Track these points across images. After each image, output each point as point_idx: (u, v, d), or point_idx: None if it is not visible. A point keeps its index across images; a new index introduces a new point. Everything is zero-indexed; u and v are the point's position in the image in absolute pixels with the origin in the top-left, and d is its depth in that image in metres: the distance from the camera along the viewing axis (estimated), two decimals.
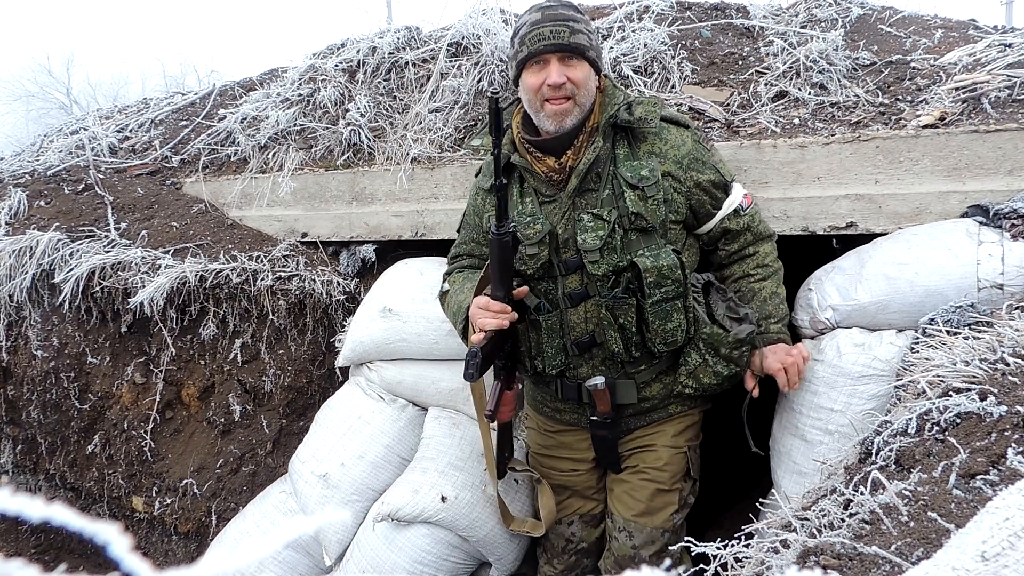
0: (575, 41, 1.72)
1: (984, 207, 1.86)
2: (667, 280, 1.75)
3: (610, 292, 1.78)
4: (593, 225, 1.76)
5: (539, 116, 1.79)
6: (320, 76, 3.44)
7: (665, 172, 1.80)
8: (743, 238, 1.93)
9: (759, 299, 1.91)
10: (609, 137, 1.80)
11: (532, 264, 1.82)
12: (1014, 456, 0.98)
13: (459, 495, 2.15)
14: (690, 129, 1.86)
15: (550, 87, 1.72)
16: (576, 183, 1.78)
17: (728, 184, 1.90)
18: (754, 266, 1.93)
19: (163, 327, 2.99)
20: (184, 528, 3.04)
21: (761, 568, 1.13)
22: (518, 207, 1.85)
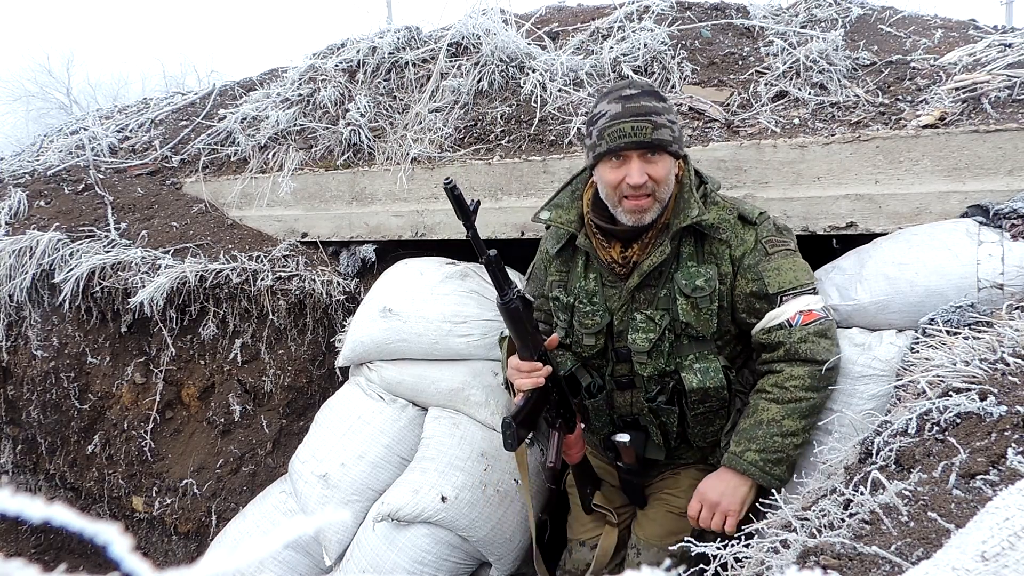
0: (658, 137, 1.62)
1: (984, 207, 1.86)
2: (712, 399, 1.74)
3: (655, 397, 1.80)
4: (645, 326, 1.75)
5: (616, 210, 1.72)
6: (320, 76, 3.44)
7: (723, 274, 1.73)
8: (775, 352, 1.72)
9: (756, 419, 1.68)
10: (677, 237, 1.74)
11: (588, 350, 1.85)
12: (1014, 456, 0.98)
13: (459, 495, 2.15)
14: (757, 227, 1.75)
15: (631, 187, 1.64)
16: (638, 281, 1.75)
17: (774, 296, 1.71)
18: (772, 383, 1.70)
19: (163, 327, 2.99)
20: (184, 528, 3.04)
21: (761, 568, 1.13)
22: (580, 281, 1.86)
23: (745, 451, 1.65)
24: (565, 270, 1.91)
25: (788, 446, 1.65)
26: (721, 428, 1.80)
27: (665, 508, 1.96)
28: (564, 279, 1.91)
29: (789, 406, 1.66)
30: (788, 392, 1.67)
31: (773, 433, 1.65)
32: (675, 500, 1.95)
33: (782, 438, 1.65)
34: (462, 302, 2.38)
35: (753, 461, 1.64)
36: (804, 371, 1.68)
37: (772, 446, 1.64)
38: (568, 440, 1.91)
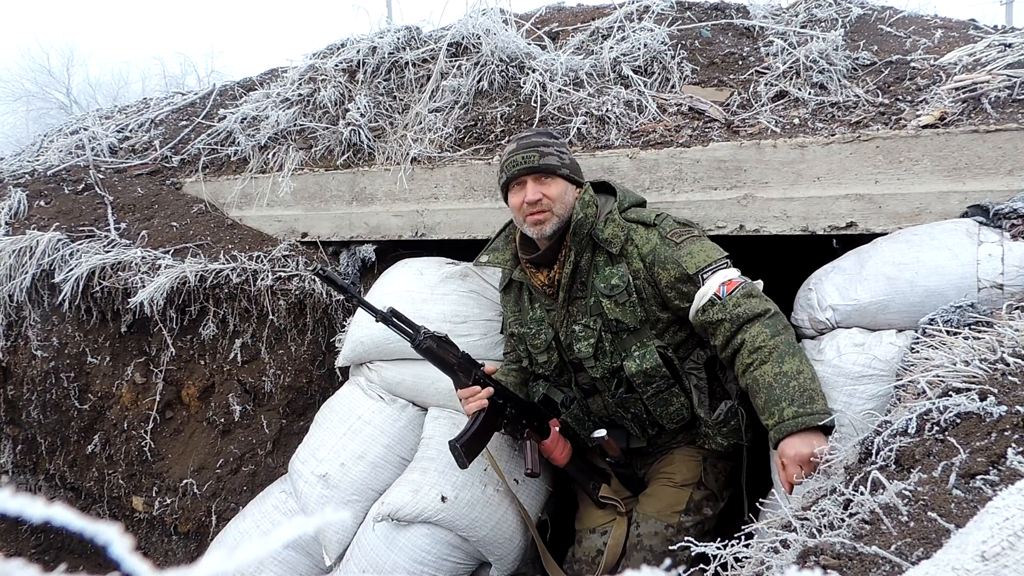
0: (545, 163, 1.93)
1: (984, 207, 1.86)
2: (654, 378, 1.93)
3: (615, 392, 1.99)
4: (584, 334, 1.97)
5: (523, 227, 1.99)
6: (320, 76, 3.44)
7: (635, 271, 1.93)
8: (722, 329, 1.82)
9: (764, 386, 1.73)
10: (587, 248, 1.97)
11: (547, 367, 2.09)
12: (1014, 456, 0.98)
13: (459, 495, 2.15)
14: (657, 227, 1.95)
15: (528, 204, 1.94)
16: (563, 296, 2.00)
17: (695, 276, 1.86)
18: (748, 354, 1.78)
19: (163, 327, 2.99)
20: (184, 528, 3.04)
21: (761, 568, 1.13)
22: (529, 312, 2.11)
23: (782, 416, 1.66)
24: (517, 309, 2.15)
25: (805, 382, 1.69)
26: (682, 407, 1.98)
27: (662, 483, 2.10)
28: (518, 315, 2.15)
29: (774, 355, 1.72)
30: (764, 349, 1.74)
31: (784, 384, 1.69)
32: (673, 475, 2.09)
33: (795, 380, 1.69)
34: (462, 302, 2.38)
35: (794, 415, 1.65)
36: (757, 327, 1.77)
37: (794, 392, 1.67)
38: (546, 446, 2.11)
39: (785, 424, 1.65)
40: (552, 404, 2.13)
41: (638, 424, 2.04)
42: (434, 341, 1.92)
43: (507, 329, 2.25)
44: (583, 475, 2.19)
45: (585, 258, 1.97)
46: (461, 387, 1.98)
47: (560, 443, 2.13)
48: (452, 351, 1.97)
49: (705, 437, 2.02)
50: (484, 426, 1.98)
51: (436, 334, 1.94)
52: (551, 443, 2.11)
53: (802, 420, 1.63)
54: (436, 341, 1.93)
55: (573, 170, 2.00)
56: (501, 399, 2.02)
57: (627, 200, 2.04)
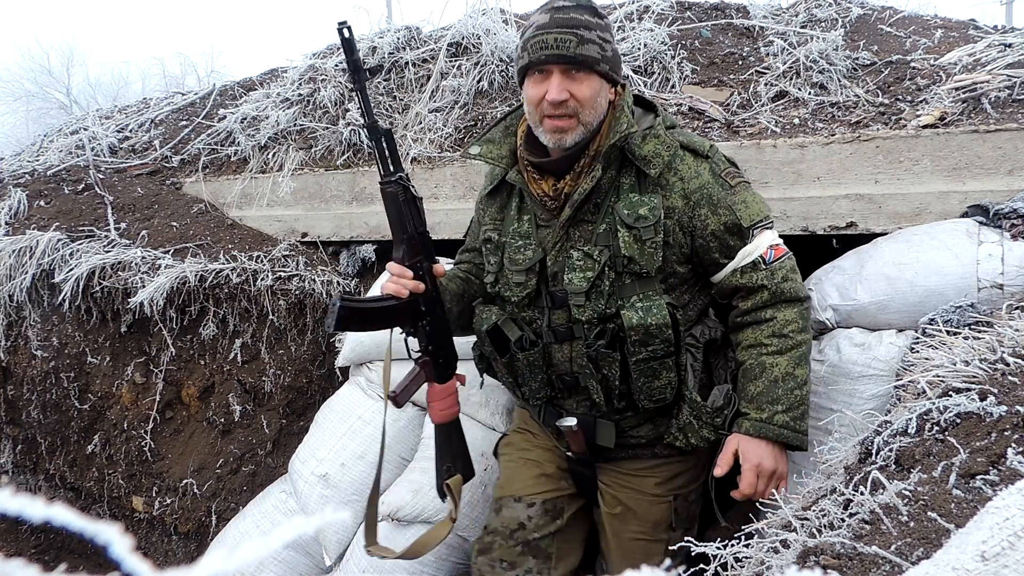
0: (582, 53, 1.48)
1: (984, 207, 1.86)
2: (655, 339, 1.56)
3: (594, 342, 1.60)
4: (582, 264, 1.59)
5: (538, 130, 1.60)
6: (320, 76, 3.44)
7: (670, 207, 1.58)
8: (758, 297, 1.60)
9: (768, 378, 1.56)
10: (615, 164, 1.60)
11: (517, 292, 1.68)
12: (1014, 456, 0.98)
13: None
14: (710, 160, 1.61)
15: (550, 103, 1.52)
16: (570, 213, 1.60)
17: (747, 230, 1.59)
18: (769, 334, 1.58)
19: (163, 327, 2.99)
20: (184, 528, 3.04)
21: (761, 568, 1.13)
22: (514, 224, 1.71)
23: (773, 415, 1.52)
24: (500, 216, 1.76)
25: (806, 397, 1.56)
26: (669, 385, 1.61)
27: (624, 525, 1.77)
28: (499, 225, 1.75)
29: (794, 353, 1.56)
30: (788, 339, 1.56)
31: (791, 388, 1.54)
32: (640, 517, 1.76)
33: (800, 390, 1.55)
34: None
35: (785, 423, 1.52)
36: (794, 312, 1.59)
37: (795, 401, 1.53)
38: (434, 389, 1.74)
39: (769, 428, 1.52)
40: (502, 340, 1.71)
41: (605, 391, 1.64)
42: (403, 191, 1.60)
43: (478, 233, 1.84)
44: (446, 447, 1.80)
45: (608, 176, 1.59)
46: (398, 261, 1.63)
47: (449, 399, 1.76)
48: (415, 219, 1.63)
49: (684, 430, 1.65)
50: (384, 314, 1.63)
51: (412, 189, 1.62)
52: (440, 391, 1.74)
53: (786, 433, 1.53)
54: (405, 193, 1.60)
55: (614, 65, 1.55)
56: (425, 307, 1.66)
57: (667, 119, 1.67)
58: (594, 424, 1.71)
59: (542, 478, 1.85)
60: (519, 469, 1.88)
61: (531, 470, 1.87)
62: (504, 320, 1.71)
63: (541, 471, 1.86)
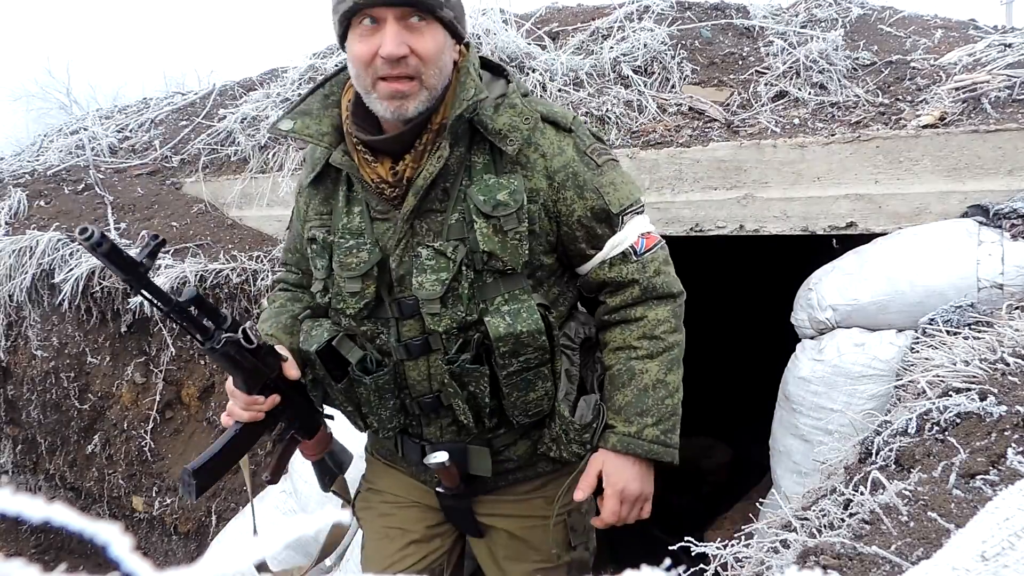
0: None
1: (984, 207, 1.86)
2: (527, 348, 1.33)
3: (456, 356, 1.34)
4: (433, 264, 1.31)
5: (370, 98, 1.26)
6: (320, 76, 3.44)
7: (533, 190, 1.32)
8: (628, 292, 1.38)
9: (638, 385, 1.36)
10: (464, 140, 1.32)
11: (353, 304, 1.37)
12: (1014, 456, 0.98)
13: None
14: (573, 134, 1.36)
15: (385, 60, 1.19)
16: (414, 203, 1.30)
17: (616, 216, 1.36)
18: (639, 336, 1.37)
19: (163, 327, 2.99)
20: (184, 528, 3.04)
21: (761, 568, 1.13)
22: (343, 219, 1.37)
23: (643, 429, 1.34)
24: (326, 210, 1.43)
25: (677, 406, 1.38)
26: (546, 395, 1.39)
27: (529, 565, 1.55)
28: (326, 221, 1.42)
29: (665, 357, 1.37)
30: (660, 341, 1.37)
31: (663, 397, 1.36)
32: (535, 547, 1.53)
33: (671, 399, 1.37)
34: None
35: (655, 438, 1.34)
36: (667, 311, 1.39)
37: (666, 412, 1.36)
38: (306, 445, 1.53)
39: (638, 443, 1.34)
40: (338, 361, 1.41)
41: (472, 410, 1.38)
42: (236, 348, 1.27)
43: (301, 229, 1.48)
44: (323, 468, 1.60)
45: (457, 154, 1.31)
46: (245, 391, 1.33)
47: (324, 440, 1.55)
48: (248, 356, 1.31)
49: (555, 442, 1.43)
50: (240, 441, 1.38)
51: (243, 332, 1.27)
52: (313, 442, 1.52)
53: (656, 449, 1.34)
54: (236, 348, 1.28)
55: (459, 14, 1.27)
56: (283, 404, 1.39)
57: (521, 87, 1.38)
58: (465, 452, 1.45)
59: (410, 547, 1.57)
60: (382, 541, 1.60)
61: (395, 542, 1.58)
62: (339, 338, 1.40)
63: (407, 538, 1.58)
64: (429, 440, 1.45)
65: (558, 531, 1.50)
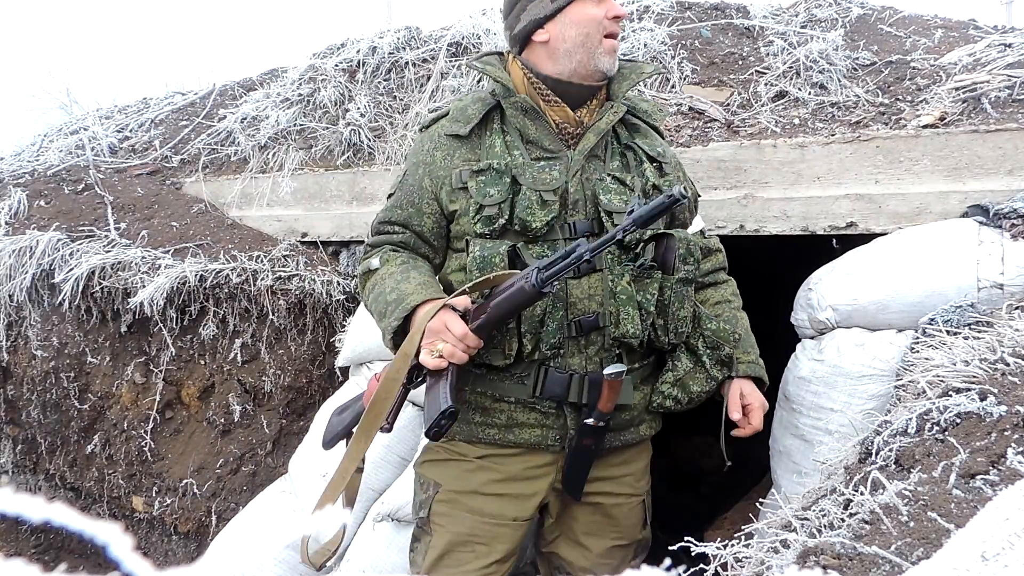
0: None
1: (984, 207, 1.86)
2: (691, 257, 1.54)
3: (633, 263, 1.50)
4: (616, 188, 1.53)
5: (595, 53, 1.51)
6: (320, 76, 3.44)
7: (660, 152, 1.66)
8: (714, 259, 1.74)
9: (744, 328, 1.70)
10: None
11: (542, 216, 1.47)
12: (1014, 456, 0.98)
13: None
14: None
15: (614, 19, 1.51)
16: (595, 140, 1.53)
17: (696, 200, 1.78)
18: (731, 293, 1.75)
19: (163, 327, 2.99)
20: (184, 528, 3.04)
21: (761, 568, 1.13)
22: (505, 158, 1.52)
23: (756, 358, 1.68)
24: (475, 157, 1.55)
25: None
26: (690, 316, 1.57)
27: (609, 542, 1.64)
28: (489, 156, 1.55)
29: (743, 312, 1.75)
30: (739, 298, 1.76)
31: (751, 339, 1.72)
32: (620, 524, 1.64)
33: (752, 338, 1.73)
34: None
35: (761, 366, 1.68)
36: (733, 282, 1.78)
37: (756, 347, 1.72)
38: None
39: (756, 367, 1.66)
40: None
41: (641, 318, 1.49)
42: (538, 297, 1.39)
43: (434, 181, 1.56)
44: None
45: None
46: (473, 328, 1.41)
47: None
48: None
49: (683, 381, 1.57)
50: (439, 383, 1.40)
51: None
52: None
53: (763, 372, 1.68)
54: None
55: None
56: None
57: None
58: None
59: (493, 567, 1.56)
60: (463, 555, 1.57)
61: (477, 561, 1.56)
62: (522, 247, 1.48)
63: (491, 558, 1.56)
64: (575, 371, 1.52)
65: (638, 511, 1.68)
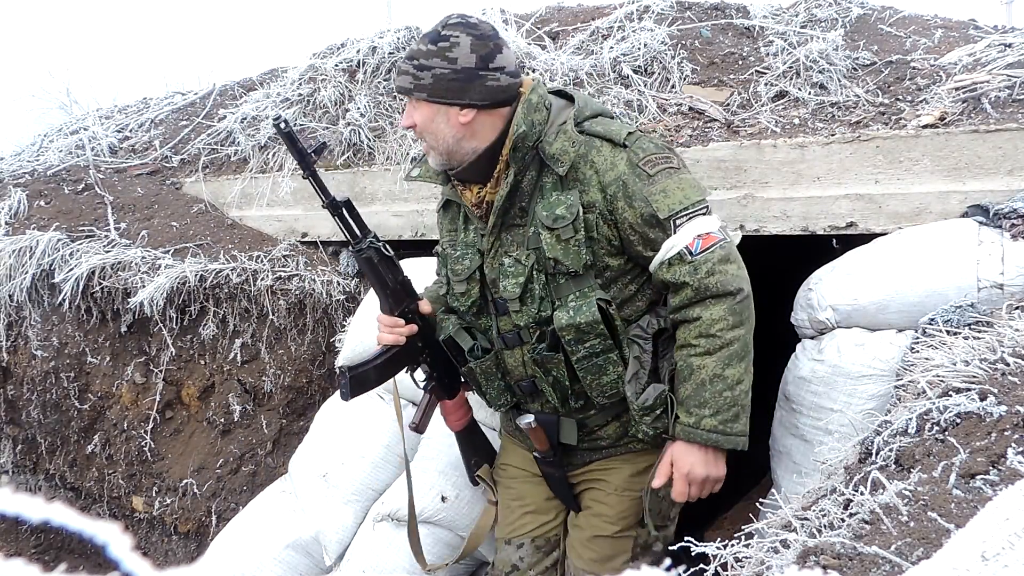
0: (400, 85, 1.60)
1: (984, 207, 1.86)
2: (588, 336, 1.55)
3: (536, 345, 1.62)
4: (513, 270, 1.60)
5: None
6: (320, 76, 3.44)
7: (589, 202, 1.55)
8: (683, 294, 1.52)
9: (696, 380, 1.50)
10: (534, 165, 1.58)
11: (464, 301, 1.72)
12: (1014, 456, 0.98)
13: (459, 495, 2.15)
14: (628, 149, 1.55)
15: None
16: (495, 220, 1.61)
17: (666, 221, 1.51)
18: (696, 335, 1.51)
19: (163, 327, 2.99)
20: (184, 528, 3.04)
21: (761, 568, 1.13)
22: (461, 234, 1.74)
23: (700, 420, 1.49)
24: (452, 228, 1.79)
25: (740, 397, 1.50)
26: (619, 379, 1.60)
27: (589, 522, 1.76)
28: (453, 237, 1.79)
29: (723, 353, 1.49)
30: (716, 339, 1.49)
31: (720, 390, 1.49)
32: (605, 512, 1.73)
33: (730, 391, 1.49)
34: None
35: (712, 428, 1.49)
36: (723, 309, 1.50)
37: (725, 404, 1.49)
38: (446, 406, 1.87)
39: (696, 432, 1.50)
40: (457, 350, 1.76)
41: (559, 393, 1.64)
42: (377, 254, 1.70)
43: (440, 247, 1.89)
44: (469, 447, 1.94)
45: (528, 178, 1.58)
46: (387, 312, 1.74)
47: (462, 409, 1.89)
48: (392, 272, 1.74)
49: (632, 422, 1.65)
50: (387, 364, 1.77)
51: (383, 247, 1.72)
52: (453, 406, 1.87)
53: (715, 438, 1.49)
54: (380, 255, 1.71)
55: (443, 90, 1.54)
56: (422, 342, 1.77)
57: (588, 109, 1.61)
58: (558, 422, 1.72)
59: (527, 516, 1.85)
60: (505, 511, 1.91)
61: (516, 510, 1.87)
62: (457, 330, 1.75)
63: (526, 509, 1.86)
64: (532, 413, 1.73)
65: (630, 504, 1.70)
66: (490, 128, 1.57)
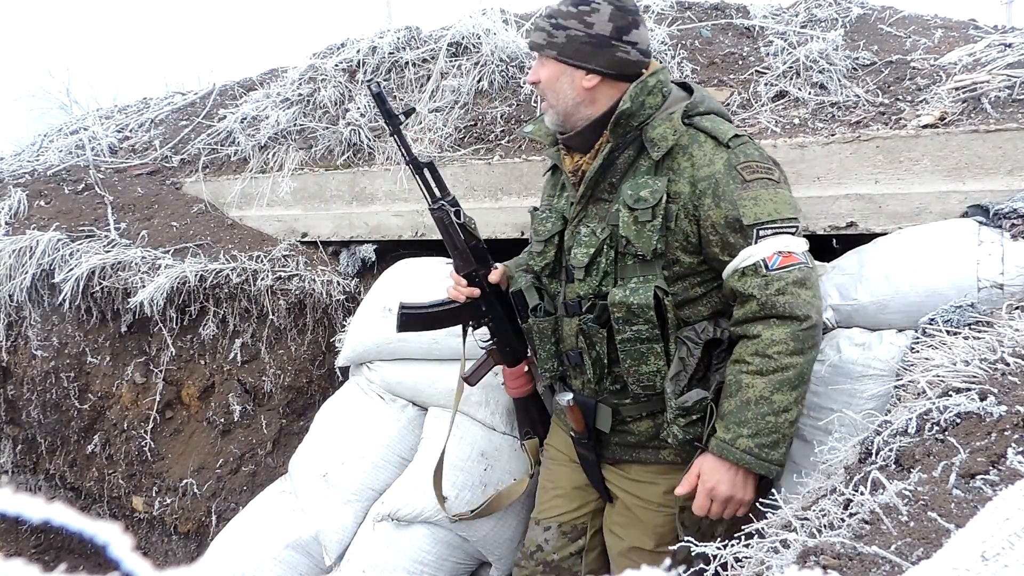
0: (534, 40, 1.63)
1: (984, 207, 1.86)
2: (637, 319, 1.53)
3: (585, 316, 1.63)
4: (587, 240, 1.62)
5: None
6: (320, 76, 3.44)
7: (675, 192, 1.53)
8: (748, 307, 1.48)
9: (741, 398, 1.45)
10: (633, 145, 1.59)
11: (539, 261, 1.76)
12: (1014, 456, 0.98)
13: (459, 495, 2.15)
14: (730, 150, 1.52)
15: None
16: (583, 190, 1.65)
17: (749, 228, 1.47)
18: (752, 352, 1.45)
19: (163, 327, 2.99)
20: (184, 528, 3.04)
21: (761, 568, 1.13)
22: (556, 199, 1.80)
23: (736, 438, 1.44)
24: (553, 193, 1.85)
25: (783, 425, 1.44)
26: (658, 372, 1.57)
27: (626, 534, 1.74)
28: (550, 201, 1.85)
29: (775, 377, 1.43)
30: (772, 360, 1.43)
31: (764, 413, 1.43)
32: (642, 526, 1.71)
33: (775, 416, 1.43)
34: None
35: (747, 448, 1.43)
36: (785, 332, 1.43)
37: (766, 428, 1.43)
38: (507, 372, 1.95)
39: (730, 450, 1.44)
40: (523, 304, 1.78)
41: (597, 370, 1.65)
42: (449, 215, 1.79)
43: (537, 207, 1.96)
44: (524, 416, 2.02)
45: (625, 156, 1.60)
46: (457, 271, 1.86)
47: (522, 378, 1.94)
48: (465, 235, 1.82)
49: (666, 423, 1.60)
50: (441, 315, 1.89)
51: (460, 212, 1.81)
52: (511, 373, 1.94)
53: (748, 460, 1.44)
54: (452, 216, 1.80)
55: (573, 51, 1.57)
56: (485, 307, 1.87)
57: (703, 105, 1.60)
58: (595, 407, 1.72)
59: (557, 500, 1.88)
60: (540, 491, 1.96)
61: (549, 491, 1.91)
62: (528, 286, 1.77)
63: (556, 492, 1.89)
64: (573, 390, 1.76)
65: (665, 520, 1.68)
66: (608, 99, 1.60)
